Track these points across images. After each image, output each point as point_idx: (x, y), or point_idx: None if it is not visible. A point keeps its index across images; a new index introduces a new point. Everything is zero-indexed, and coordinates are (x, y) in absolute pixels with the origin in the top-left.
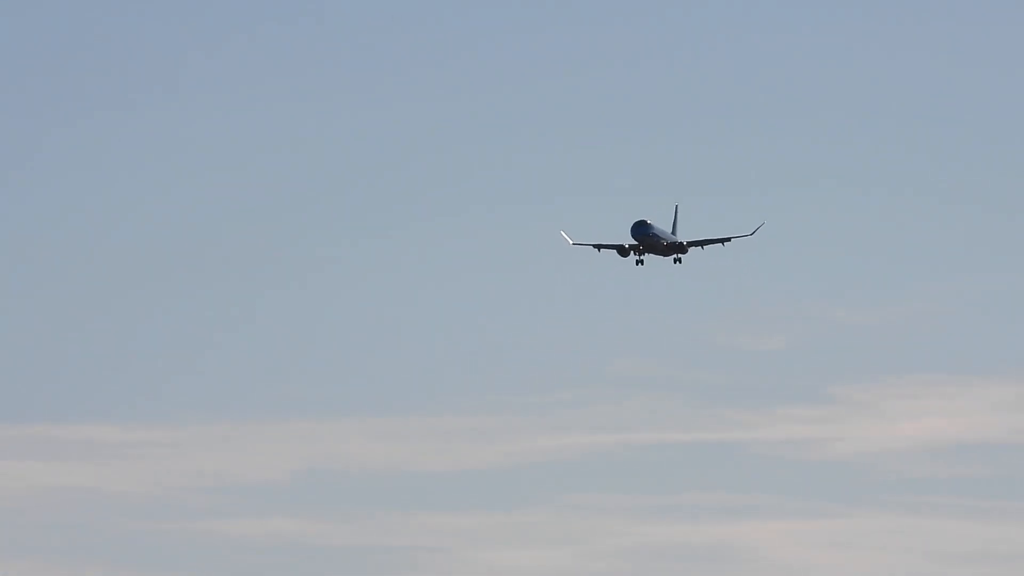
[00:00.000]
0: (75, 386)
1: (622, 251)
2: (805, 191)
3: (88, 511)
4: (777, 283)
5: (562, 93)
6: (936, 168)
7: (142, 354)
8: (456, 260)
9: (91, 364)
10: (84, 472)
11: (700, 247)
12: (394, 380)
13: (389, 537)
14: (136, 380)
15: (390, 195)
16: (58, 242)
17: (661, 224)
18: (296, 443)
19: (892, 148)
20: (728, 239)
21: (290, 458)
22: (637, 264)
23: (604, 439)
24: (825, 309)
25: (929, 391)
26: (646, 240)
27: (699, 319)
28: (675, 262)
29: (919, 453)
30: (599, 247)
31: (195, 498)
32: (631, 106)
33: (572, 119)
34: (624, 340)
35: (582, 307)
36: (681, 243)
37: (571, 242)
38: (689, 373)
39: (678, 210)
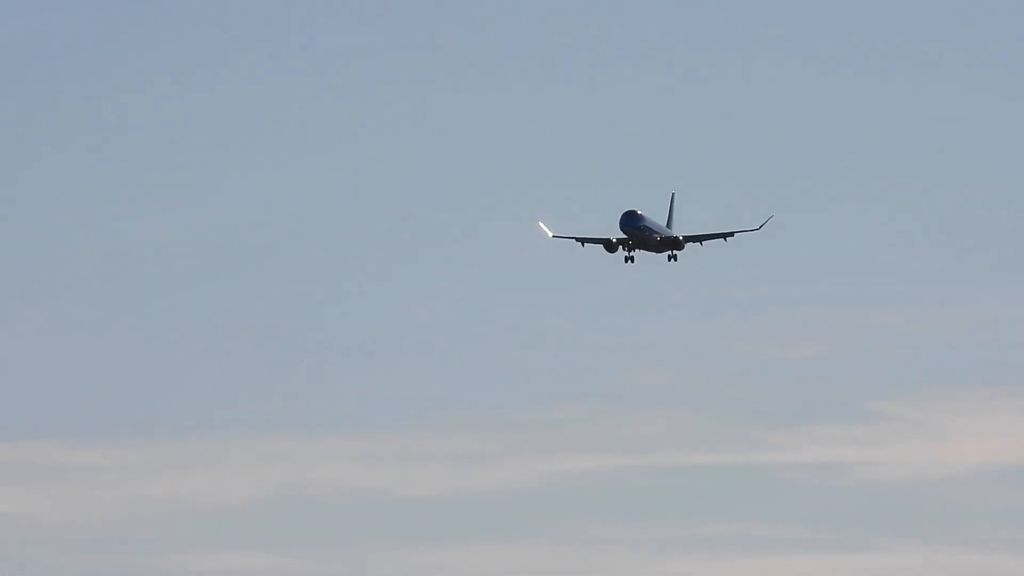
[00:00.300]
0: (9, 401)
1: (609, 246)
2: (823, 177)
3: (22, 542)
4: (803, 284)
5: (542, 65)
6: (1002, 152)
7: (88, 365)
8: (424, 256)
9: (28, 376)
10: (17, 498)
11: (698, 243)
12: (374, 394)
13: (372, 573)
14: (81, 394)
15: (359, 194)
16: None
17: (654, 216)
18: (266, 465)
19: (946, 120)
20: (731, 234)
21: (259, 482)
22: (627, 261)
23: (611, 461)
24: (864, 313)
25: (986, 407)
26: (637, 234)
27: (714, 324)
28: (670, 259)
29: (975, 478)
30: (583, 241)
31: (147, 529)
32: (619, 80)
33: (552, 94)
34: (629, 348)
35: (574, 310)
36: (677, 238)
37: (551, 235)
38: (708, 386)
39: (674, 200)
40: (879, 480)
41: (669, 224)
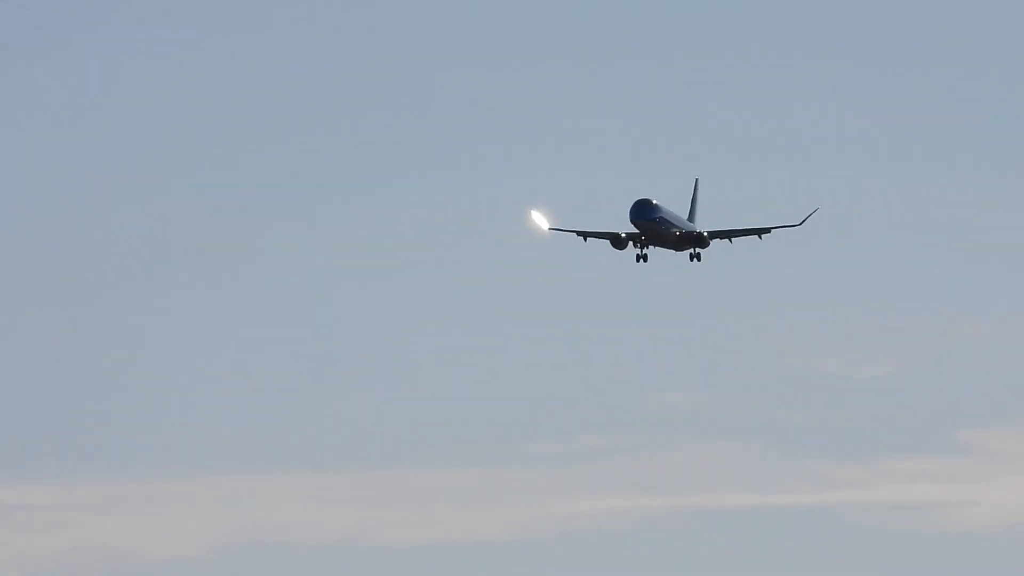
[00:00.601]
0: None
1: (618, 241)
2: (881, 159)
3: None
4: (865, 287)
5: (545, 32)
6: None
7: (24, 399)
8: (399, 248)
9: None
10: None
11: (727, 239)
12: (351, 424)
13: None
14: (12, 429)
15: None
16: None
17: (673, 207)
18: (222, 507)
19: None
20: (767, 230)
21: (213, 527)
22: (639, 260)
23: (645, 503)
24: (949, 322)
25: None
26: (651, 227)
27: (757, 336)
28: (692, 259)
29: None
30: (585, 235)
31: None
32: (633, 38)
33: (552, 51)
34: (653, 366)
35: (580, 319)
36: (700, 233)
37: (547, 227)
38: (762, 410)
39: (698, 187)
40: (971, 523)
41: (691, 217)
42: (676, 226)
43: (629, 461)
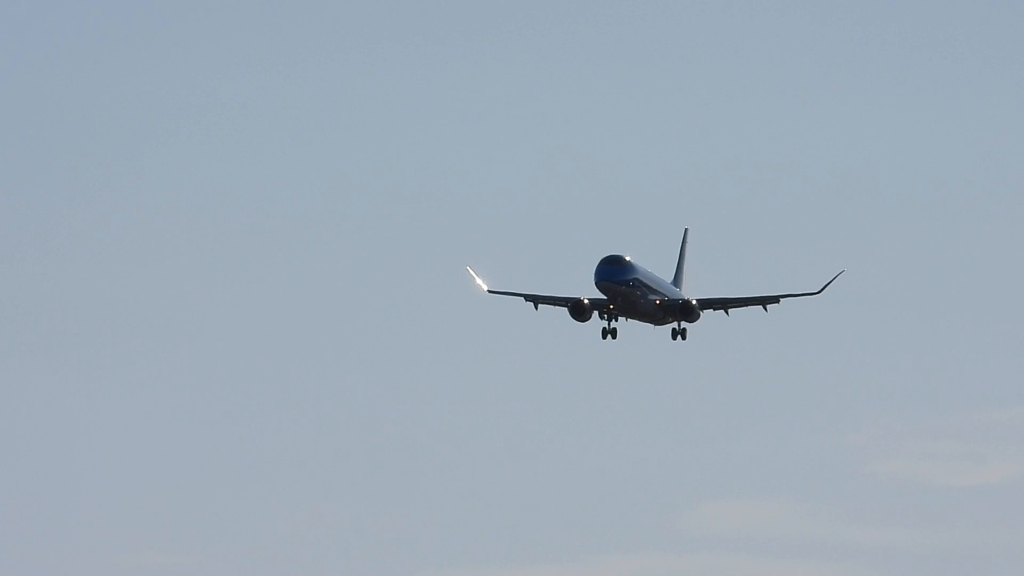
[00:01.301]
0: None
1: (578, 309)
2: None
3: None
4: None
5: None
6: None
7: None
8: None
9: None
10: None
11: (722, 310)
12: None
13: None
14: None
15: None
16: None
17: (652, 267)
18: None
19: None
20: (775, 299)
21: None
22: (605, 336)
23: None
24: None
25: None
26: (623, 293)
27: (818, 430)
28: (675, 336)
29: None
30: (536, 300)
31: None
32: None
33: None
34: (691, 469)
35: (553, 411)
36: (688, 302)
37: (486, 289)
38: (841, 529)
39: (688, 240)
40: None
41: (677, 280)
42: (656, 292)
43: None
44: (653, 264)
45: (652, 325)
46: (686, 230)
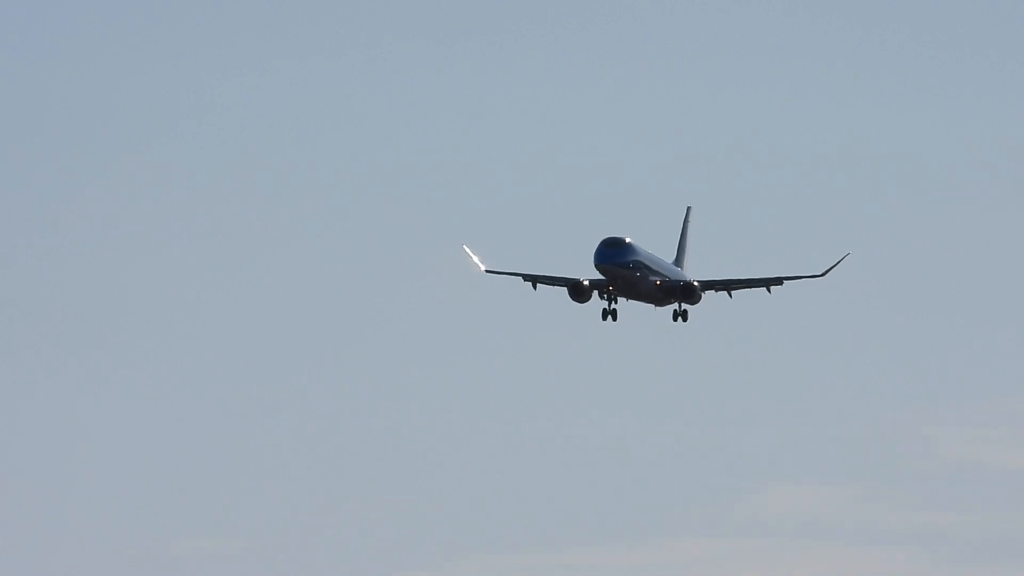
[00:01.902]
0: None
1: (578, 290)
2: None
3: None
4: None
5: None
6: None
7: None
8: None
9: None
10: None
11: (725, 291)
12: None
13: None
14: None
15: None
16: None
17: (653, 248)
18: None
19: None
20: (779, 280)
21: None
22: (605, 318)
23: None
24: None
25: None
26: (624, 275)
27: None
28: (676, 317)
29: None
30: (534, 280)
31: None
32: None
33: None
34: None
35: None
36: (689, 283)
37: (483, 268)
38: (919, 511)
39: (690, 218)
40: None
41: (679, 259)
42: (657, 273)
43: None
44: (654, 243)
45: (653, 305)
46: (688, 208)
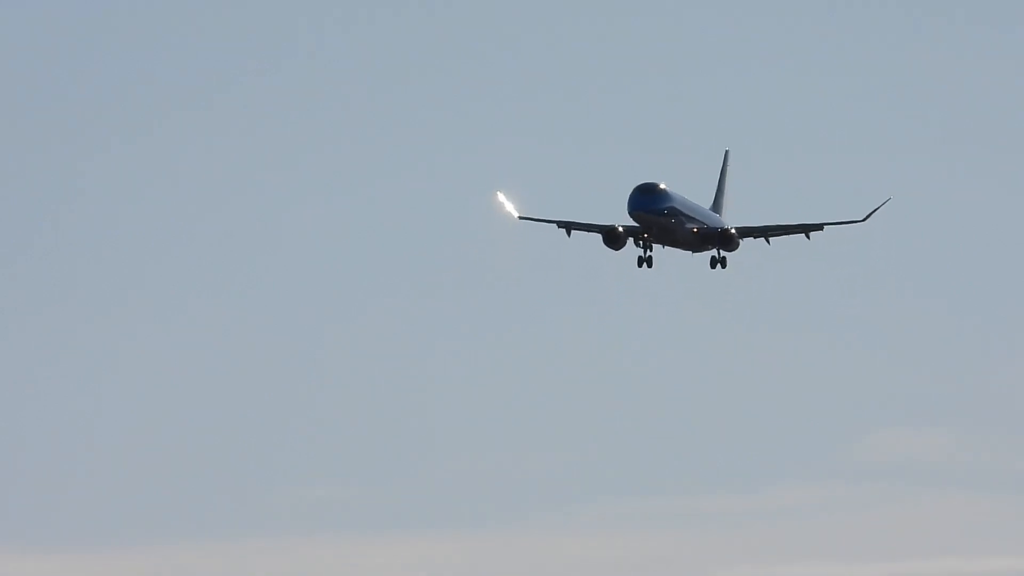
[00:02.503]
0: None
1: (612, 237)
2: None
3: None
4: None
5: None
6: None
7: None
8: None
9: None
10: None
11: (763, 238)
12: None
13: None
14: None
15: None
16: None
17: (690, 194)
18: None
19: None
20: (818, 226)
21: None
22: (640, 264)
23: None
24: None
25: None
26: (658, 221)
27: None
28: (714, 264)
29: None
30: (568, 227)
31: None
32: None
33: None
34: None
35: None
36: (727, 230)
37: (516, 215)
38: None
39: (728, 162)
40: None
41: (717, 205)
42: (694, 220)
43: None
44: (691, 188)
45: (690, 252)
46: (727, 152)
